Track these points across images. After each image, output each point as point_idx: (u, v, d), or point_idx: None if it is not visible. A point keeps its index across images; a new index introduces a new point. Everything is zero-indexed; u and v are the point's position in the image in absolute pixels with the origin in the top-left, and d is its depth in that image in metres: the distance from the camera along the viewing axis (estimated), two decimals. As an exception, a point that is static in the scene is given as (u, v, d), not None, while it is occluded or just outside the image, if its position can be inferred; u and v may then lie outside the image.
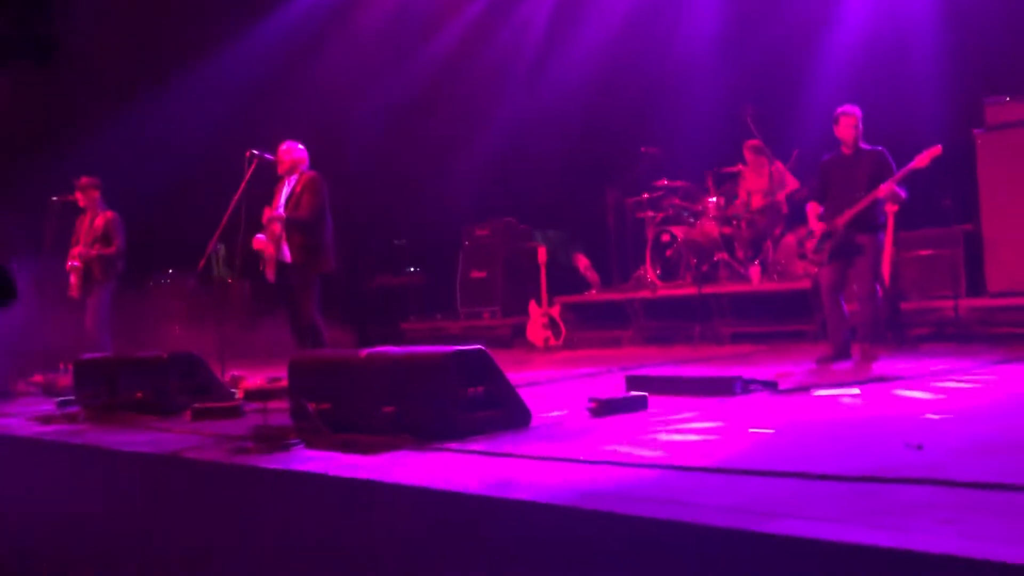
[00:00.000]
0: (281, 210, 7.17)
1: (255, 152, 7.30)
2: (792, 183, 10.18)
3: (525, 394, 4.36)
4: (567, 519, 2.62)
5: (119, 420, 5.47)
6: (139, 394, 5.74)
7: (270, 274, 7.24)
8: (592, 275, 11.58)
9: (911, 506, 2.38)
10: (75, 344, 8.18)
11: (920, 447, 3.16)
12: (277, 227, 7.17)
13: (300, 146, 7.43)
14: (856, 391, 4.96)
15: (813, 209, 6.91)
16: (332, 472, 3.41)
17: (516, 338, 11.09)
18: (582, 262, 11.65)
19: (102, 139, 11.37)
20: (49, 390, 7.80)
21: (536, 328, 10.36)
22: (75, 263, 8.69)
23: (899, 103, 9.24)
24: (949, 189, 8.57)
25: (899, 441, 3.30)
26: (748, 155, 10.49)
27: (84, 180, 8.94)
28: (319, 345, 7.06)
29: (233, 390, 6.37)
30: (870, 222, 6.61)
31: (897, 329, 7.65)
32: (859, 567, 2.05)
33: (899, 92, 9.45)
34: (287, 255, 7.18)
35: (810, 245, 6.86)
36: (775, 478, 2.84)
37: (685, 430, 4.09)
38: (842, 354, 6.56)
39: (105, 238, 8.73)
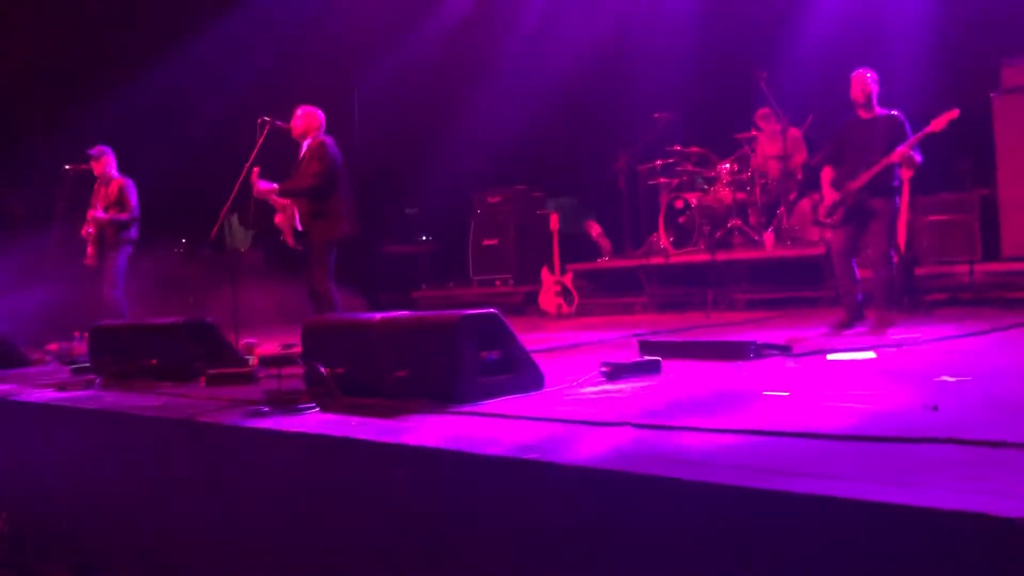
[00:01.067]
0: (263, 184, 7.07)
1: (267, 118, 7.25)
2: (804, 153, 10.11)
3: (538, 359, 4.36)
4: (579, 478, 2.63)
5: (134, 386, 5.50)
6: (154, 360, 5.77)
7: (290, 241, 7.24)
8: (604, 242, 11.56)
9: (930, 464, 2.37)
10: (92, 312, 8.22)
11: (936, 408, 3.15)
12: (275, 200, 7.14)
13: (317, 110, 7.35)
14: (871, 354, 4.94)
15: (827, 174, 6.86)
16: (346, 434, 3.42)
17: (529, 305, 11.09)
18: (595, 229, 11.62)
19: (113, 107, 11.35)
20: (64, 358, 7.85)
21: (549, 295, 10.35)
22: (90, 229, 8.71)
23: (915, 66, 9.14)
24: (966, 153, 8.50)
25: (915, 402, 3.29)
26: (761, 121, 10.42)
27: (96, 149, 8.94)
28: (332, 311, 7.06)
29: (247, 356, 6.39)
30: (885, 186, 6.54)
31: (912, 294, 7.61)
32: (881, 524, 2.05)
33: (915, 55, 9.34)
34: (297, 223, 7.18)
35: (823, 209, 6.82)
36: (792, 439, 2.83)
37: (699, 393, 4.08)
38: (856, 318, 6.53)
39: (119, 203, 8.74)
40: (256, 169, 7.10)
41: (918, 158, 6.50)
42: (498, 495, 2.85)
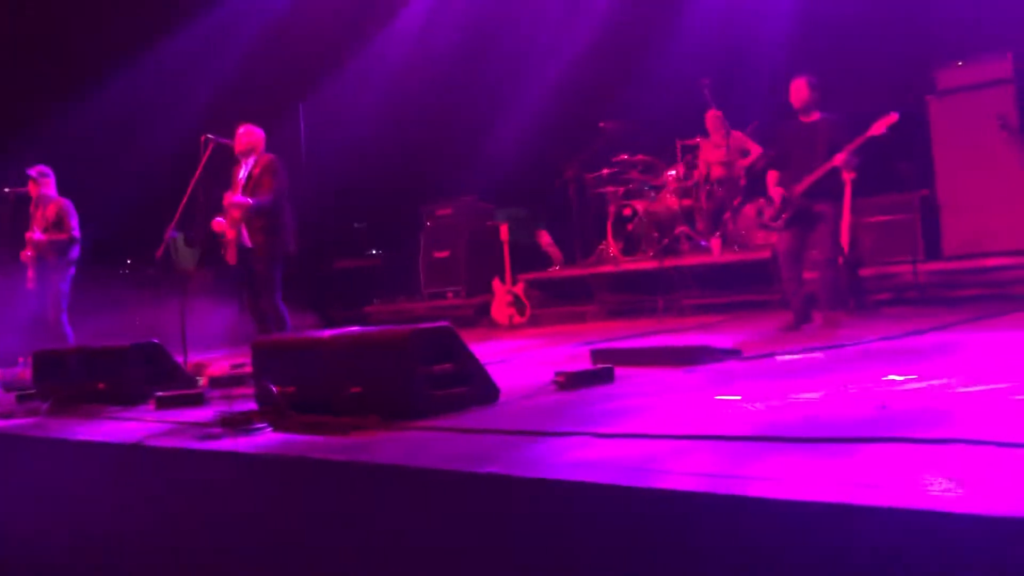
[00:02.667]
0: (239, 195, 7.09)
1: (210, 136, 7.20)
2: (756, 149, 10.24)
3: (492, 371, 4.35)
4: (537, 491, 2.63)
5: (82, 411, 5.40)
6: (101, 384, 5.67)
7: (230, 257, 7.16)
8: (555, 251, 11.60)
9: (875, 463, 2.41)
10: (36, 336, 8.05)
11: (884, 407, 3.20)
12: (237, 213, 7.09)
13: (258, 128, 7.35)
14: (819, 356, 5.01)
15: (772, 177, 6.98)
16: (300, 454, 3.39)
17: (481, 317, 11.09)
18: (545, 239, 11.66)
19: (54, 129, 11.16)
20: (8, 385, 7.68)
21: (501, 306, 10.36)
22: (29, 252, 8.54)
23: (854, 70, 9.32)
24: (905, 155, 8.68)
25: (863, 402, 3.34)
26: (709, 126, 10.54)
27: (35, 169, 8.78)
28: (282, 329, 7.00)
29: (197, 377, 6.30)
30: (829, 189, 6.67)
31: (858, 294, 7.75)
32: (822, 525, 2.08)
33: (854, 59, 9.52)
34: (247, 239, 7.11)
35: (768, 212, 6.92)
36: (742, 442, 2.86)
37: (652, 400, 4.11)
38: (803, 320, 6.63)
39: (57, 225, 8.58)
40: (238, 180, 7.08)
41: (856, 160, 6.63)
42: (456, 510, 2.84)
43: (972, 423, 2.86)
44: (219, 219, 7.13)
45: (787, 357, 5.03)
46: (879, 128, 6.48)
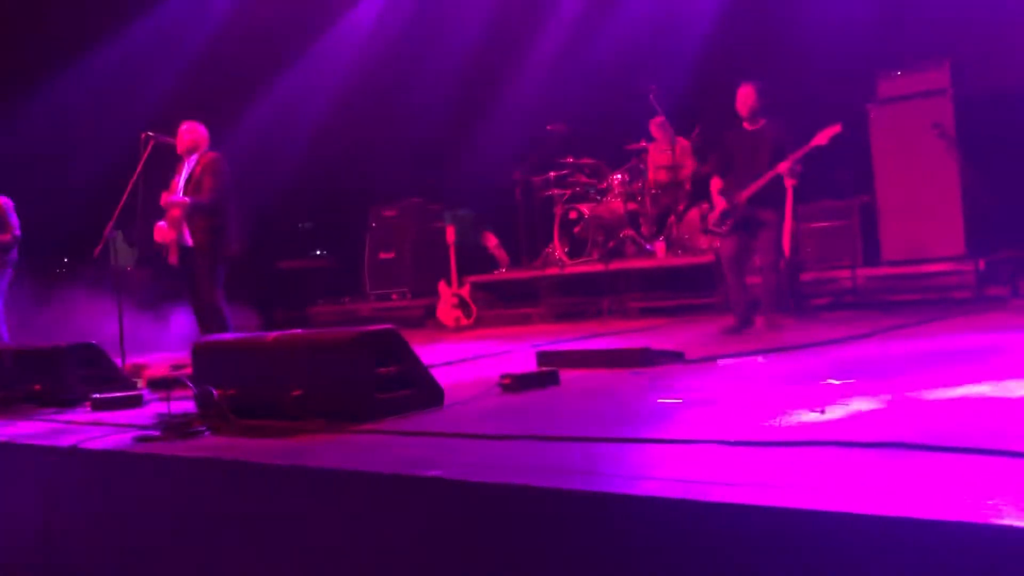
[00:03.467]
0: (180, 193, 6.98)
1: (150, 134, 7.07)
2: (690, 164, 10.36)
3: (438, 373, 4.34)
4: (481, 495, 2.62)
5: (16, 413, 5.27)
6: (37, 386, 5.54)
7: (172, 257, 7.05)
8: (501, 254, 11.60)
9: (815, 467, 2.45)
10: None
11: (822, 411, 3.25)
12: (177, 212, 6.98)
13: (201, 126, 7.23)
14: (761, 359, 5.08)
15: (716, 183, 7.05)
16: (240, 458, 3.34)
17: (427, 319, 11.05)
18: (491, 241, 11.66)
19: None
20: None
21: (447, 308, 10.34)
22: None
23: (796, 77, 9.44)
24: (845, 162, 8.82)
25: (802, 406, 3.39)
26: (654, 132, 10.62)
27: (-30, 166, 8.57)
28: (224, 330, 6.90)
29: (135, 379, 6.19)
30: (772, 196, 6.76)
31: (798, 299, 7.87)
32: (761, 528, 2.10)
33: (796, 66, 9.65)
34: (188, 239, 7.00)
35: (712, 218, 7.00)
36: (684, 445, 2.88)
37: (596, 403, 4.13)
38: (745, 324, 6.72)
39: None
40: (176, 179, 6.96)
41: (799, 168, 6.73)
42: (399, 514, 2.82)
43: (911, 427, 2.91)
44: (161, 224, 7.01)
45: (729, 360, 5.08)
46: (823, 138, 6.60)
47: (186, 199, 6.92)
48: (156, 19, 12.06)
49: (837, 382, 3.96)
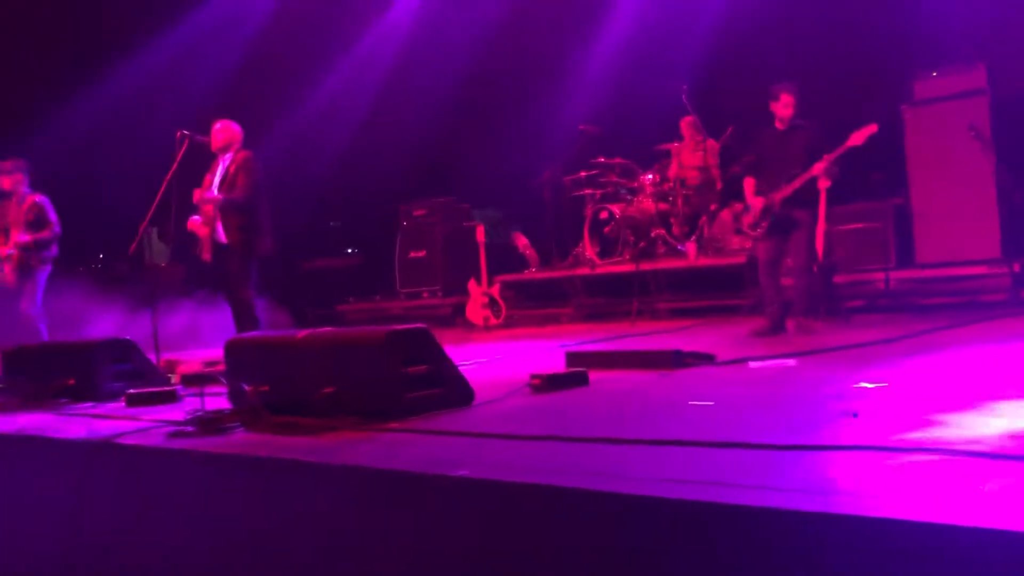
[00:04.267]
0: (215, 191, 7.06)
1: (186, 132, 7.15)
2: (719, 165, 10.33)
3: (467, 372, 4.35)
4: (508, 495, 2.63)
5: (52, 408, 5.35)
6: (72, 381, 5.62)
7: (206, 255, 7.13)
8: (531, 253, 11.60)
9: (848, 471, 2.43)
10: (9, 331, 7.96)
11: (855, 415, 3.22)
12: (210, 209, 7.06)
13: (235, 124, 7.30)
14: (792, 362, 5.04)
15: (750, 184, 7.00)
16: (272, 454, 3.37)
17: (456, 317, 11.07)
18: (521, 240, 11.66)
19: (28, 122, 11.05)
20: (-23, 380, 7.58)
21: (476, 307, 10.35)
22: (11, 252, 8.44)
23: (830, 78, 9.38)
24: (879, 164, 8.75)
25: (834, 410, 3.37)
26: (685, 132, 10.58)
27: (9, 163, 8.67)
28: (256, 327, 6.97)
29: (169, 375, 6.26)
30: (807, 198, 6.72)
31: (830, 301, 7.79)
32: (794, 532, 2.09)
33: (830, 68, 9.58)
34: (222, 236, 7.07)
35: (747, 220, 6.96)
36: (715, 449, 2.87)
37: (625, 404, 4.12)
38: (777, 327, 6.67)
39: (37, 222, 8.49)
40: (209, 177, 7.03)
41: (835, 169, 6.68)
42: (428, 513, 2.83)
43: (945, 432, 2.88)
44: (195, 218, 7.09)
45: (761, 363, 5.05)
46: (859, 138, 6.53)
47: (219, 196, 6.99)
48: (196, 20, 12.18)
49: (870, 385, 3.92)
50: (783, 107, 6.84)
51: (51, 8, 11.50)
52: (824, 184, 6.87)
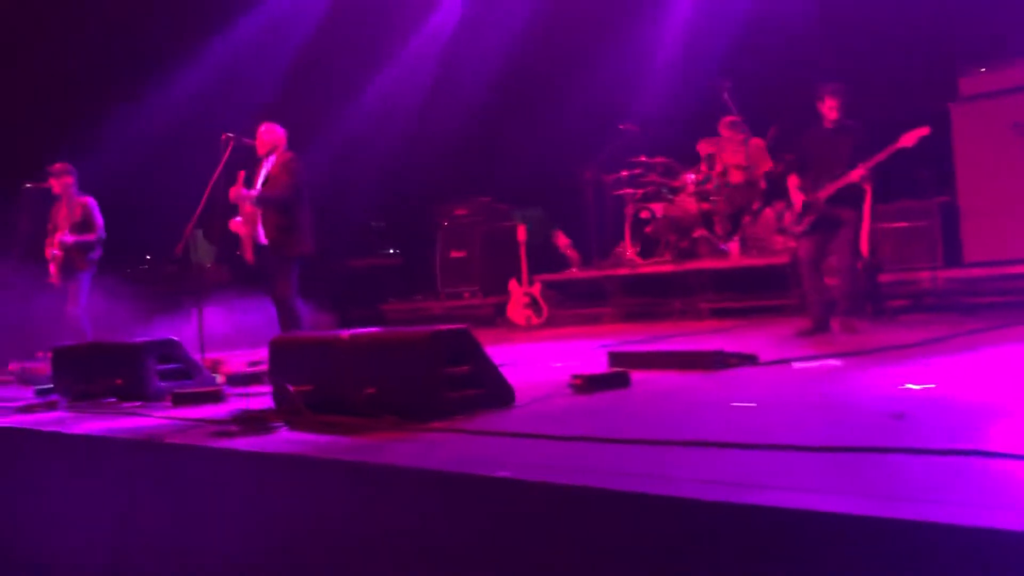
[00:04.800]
0: (252, 190, 7.12)
1: (231, 135, 7.24)
2: (767, 163, 10.21)
3: (508, 373, 4.35)
4: (549, 496, 2.63)
5: (99, 407, 5.44)
6: (118, 380, 5.70)
7: (248, 255, 7.20)
8: (572, 253, 11.58)
9: (892, 474, 2.40)
10: (54, 331, 8.11)
11: (901, 416, 3.18)
12: (248, 207, 7.13)
13: (279, 127, 7.38)
14: (837, 363, 4.99)
15: (794, 181, 6.95)
16: (316, 454, 3.40)
17: (498, 317, 11.09)
18: (562, 240, 11.64)
19: (77, 124, 11.24)
20: (26, 379, 7.73)
21: (517, 307, 10.36)
22: (56, 251, 8.60)
23: (875, 75, 9.26)
24: (925, 161, 8.61)
25: (880, 411, 3.32)
26: (724, 131, 10.50)
27: (58, 166, 8.84)
28: (298, 327, 7.03)
29: (214, 374, 6.33)
30: (850, 196, 6.67)
31: (876, 301, 7.70)
32: (839, 536, 2.07)
33: (875, 64, 9.46)
34: (262, 236, 7.14)
35: (789, 218, 6.90)
36: (758, 451, 2.85)
37: (668, 405, 4.10)
38: (821, 327, 6.60)
39: (84, 224, 8.65)
40: (242, 173, 7.10)
41: (870, 176, 6.61)
42: (469, 513, 2.84)
43: (992, 434, 2.84)
44: (236, 219, 7.17)
45: (804, 363, 5.00)
46: (909, 140, 6.42)
47: (253, 192, 7.05)
48: (246, 26, 12.35)
49: (916, 387, 3.87)
50: (828, 108, 6.79)
51: (98, 18, 11.69)
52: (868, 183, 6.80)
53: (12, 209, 9.01)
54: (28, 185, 8.98)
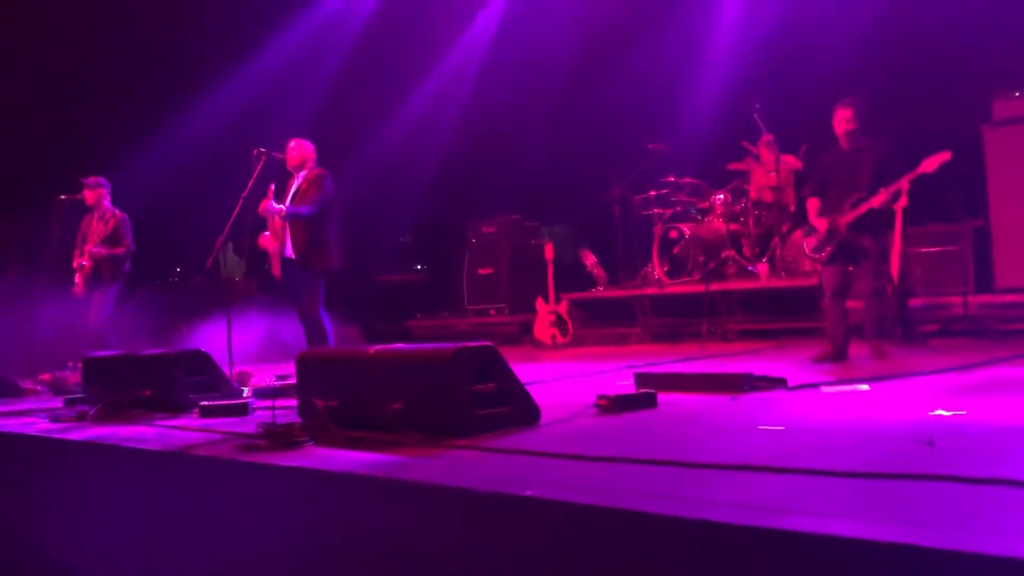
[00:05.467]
0: (281, 205, 7.17)
1: (262, 150, 7.31)
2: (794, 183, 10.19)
3: (534, 391, 4.35)
4: (575, 516, 2.62)
5: (128, 418, 5.47)
6: (148, 391, 5.74)
7: (276, 270, 7.25)
8: (599, 272, 11.57)
9: (922, 501, 2.37)
10: (80, 342, 8.19)
11: (931, 443, 3.14)
12: (277, 221, 7.19)
13: (308, 143, 7.45)
14: (866, 387, 4.94)
15: (813, 205, 6.80)
16: (342, 469, 3.40)
17: (524, 335, 11.08)
18: (589, 259, 11.64)
19: (111, 139, 11.39)
20: (57, 388, 7.81)
21: (543, 325, 10.35)
22: (84, 262, 8.69)
23: (908, 97, 9.21)
24: (957, 185, 8.54)
25: (910, 437, 3.29)
26: (762, 151, 10.44)
27: (92, 179, 8.95)
28: (325, 342, 7.06)
29: (242, 387, 6.37)
30: (873, 224, 6.49)
31: (906, 325, 7.62)
32: (868, 562, 2.04)
33: (908, 86, 9.42)
34: (290, 250, 7.19)
35: (810, 243, 6.76)
36: (785, 475, 2.82)
37: (695, 427, 4.08)
38: (839, 356, 6.47)
39: (114, 238, 8.74)
40: (272, 187, 7.16)
41: (891, 201, 6.47)
42: (494, 531, 2.83)
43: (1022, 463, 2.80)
44: (265, 234, 7.23)
45: (833, 388, 4.96)
46: (930, 166, 6.27)
47: (282, 207, 7.11)
48: (282, 45, 12.50)
49: (947, 413, 3.83)
50: (838, 123, 6.63)
51: (134, 33, 11.86)
52: (899, 205, 6.68)
53: (46, 222, 9.11)
54: (62, 197, 9.09)
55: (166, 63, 12.09)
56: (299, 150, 7.39)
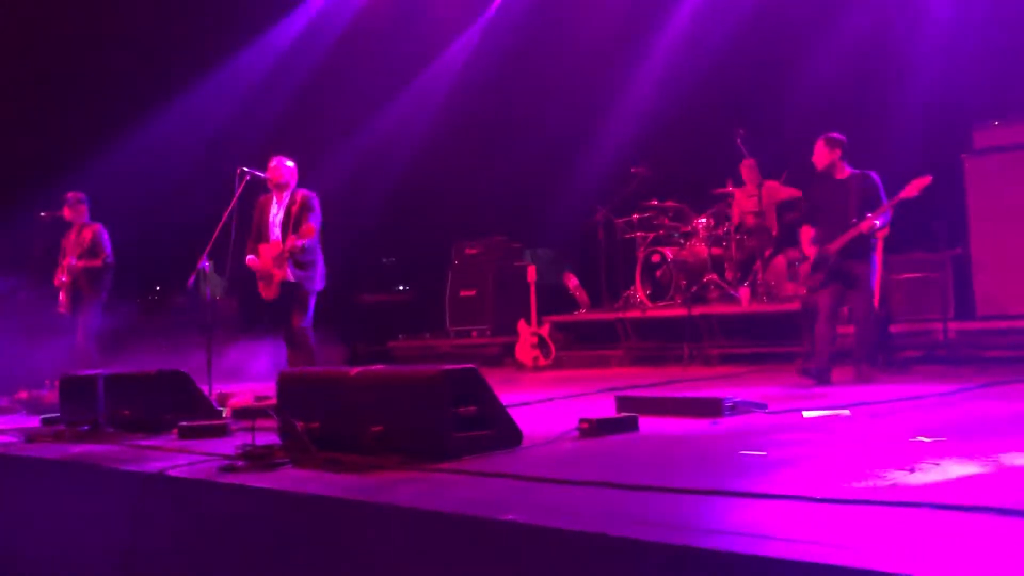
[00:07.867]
0: (278, 230, 7.18)
1: (246, 169, 7.29)
2: (793, 192, 10.24)
3: (515, 414, 4.33)
4: (556, 540, 2.60)
5: (105, 437, 5.42)
6: (126, 411, 5.69)
7: (271, 292, 7.23)
8: (581, 294, 11.58)
9: (904, 528, 2.37)
10: (64, 360, 8.12)
11: (912, 470, 3.15)
12: (278, 248, 7.22)
13: (290, 162, 7.44)
14: (847, 412, 4.95)
15: (806, 233, 7.02)
16: (320, 492, 3.38)
17: (506, 357, 11.06)
18: (572, 281, 11.64)
19: (92, 156, 11.34)
20: (34, 407, 7.72)
21: (525, 347, 10.33)
22: (64, 278, 8.63)
23: (890, 126, 9.29)
24: (938, 213, 8.61)
25: (890, 463, 3.29)
26: (745, 175, 10.50)
27: (72, 195, 8.91)
28: (311, 362, 7.05)
29: (221, 408, 6.31)
30: (862, 249, 6.71)
31: (887, 351, 7.67)
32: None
33: (890, 116, 9.50)
34: (290, 275, 7.20)
35: (804, 269, 6.95)
36: (766, 500, 2.82)
37: (676, 452, 4.07)
38: (823, 375, 6.58)
39: (92, 251, 8.68)
40: (270, 216, 7.15)
41: (881, 222, 6.67)
42: (473, 556, 2.81)
43: (1007, 491, 2.80)
44: (252, 257, 7.22)
45: (814, 414, 4.97)
46: (912, 190, 6.49)
47: (299, 242, 7.12)
48: (249, 58, 12.50)
49: (927, 440, 3.84)
50: (816, 158, 6.88)
51: (106, 48, 11.87)
52: (881, 232, 6.84)
53: (25, 238, 9.06)
54: (43, 214, 9.04)
55: (146, 72, 12.07)
56: (282, 168, 7.39)
